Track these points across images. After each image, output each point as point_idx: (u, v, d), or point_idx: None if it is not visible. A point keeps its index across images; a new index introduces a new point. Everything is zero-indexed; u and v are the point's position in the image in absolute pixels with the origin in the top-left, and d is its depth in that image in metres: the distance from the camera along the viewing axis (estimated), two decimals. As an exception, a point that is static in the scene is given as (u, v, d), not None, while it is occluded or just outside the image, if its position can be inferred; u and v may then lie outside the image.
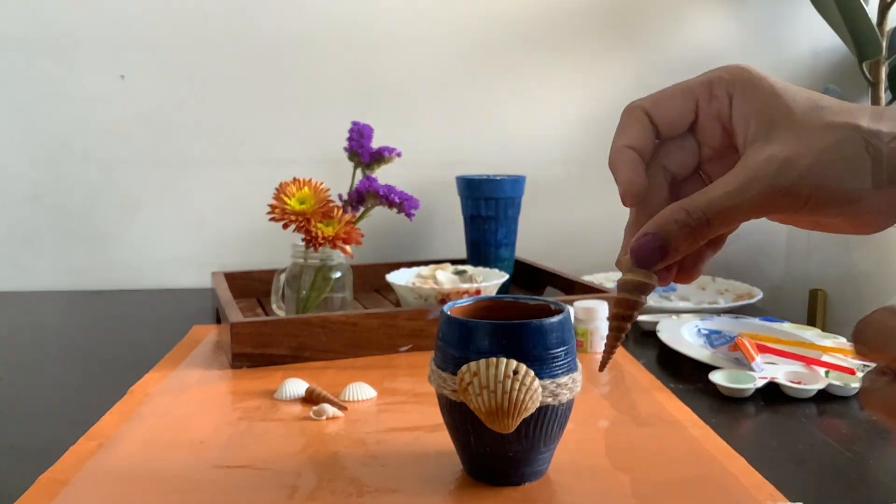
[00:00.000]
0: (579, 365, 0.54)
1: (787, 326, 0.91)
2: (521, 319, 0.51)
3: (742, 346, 0.79)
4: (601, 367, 0.44)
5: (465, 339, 0.51)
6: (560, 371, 0.51)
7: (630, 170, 0.42)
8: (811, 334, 0.88)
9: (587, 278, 1.12)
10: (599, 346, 0.84)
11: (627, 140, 0.42)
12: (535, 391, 0.49)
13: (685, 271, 0.44)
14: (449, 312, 0.54)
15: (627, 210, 0.47)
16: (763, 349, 0.80)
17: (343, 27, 1.27)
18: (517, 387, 0.48)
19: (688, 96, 0.41)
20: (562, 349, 0.51)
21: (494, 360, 0.49)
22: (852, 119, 0.38)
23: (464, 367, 0.50)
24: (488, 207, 1.14)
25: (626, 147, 0.42)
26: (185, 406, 0.70)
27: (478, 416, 0.50)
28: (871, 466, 0.58)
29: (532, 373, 0.49)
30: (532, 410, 0.49)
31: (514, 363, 0.49)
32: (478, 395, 0.49)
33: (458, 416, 0.52)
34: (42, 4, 1.21)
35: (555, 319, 0.51)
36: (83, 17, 1.22)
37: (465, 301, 0.57)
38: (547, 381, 0.50)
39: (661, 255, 0.40)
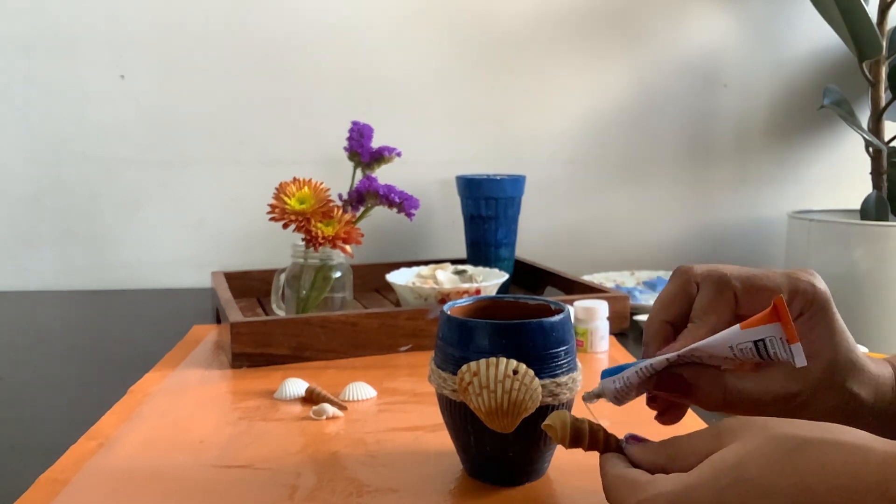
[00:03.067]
0: (579, 365, 0.54)
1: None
2: (521, 319, 0.51)
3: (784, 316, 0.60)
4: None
5: (465, 338, 0.51)
6: (560, 371, 0.51)
7: (660, 333, 0.46)
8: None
9: (587, 278, 1.12)
10: (599, 345, 0.84)
11: (713, 320, 0.44)
12: (535, 391, 0.49)
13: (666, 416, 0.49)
14: (449, 312, 0.54)
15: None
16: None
17: (343, 27, 1.27)
18: (517, 387, 0.48)
19: (773, 294, 0.43)
20: (562, 349, 0.51)
21: (494, 359, 0.49)
22: (865, 389, 0.44)
23: (464, 367, 0.50)
24: (488, 207, 1.13)
25: (707, 319, 0.45)
26: (185, 406, 0.70)
27: (478, 416, 0.50)
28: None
29: (532, 373, 0.49)
30: (532, 410, 0.49)
31: (514, 363, 0.49)
32: (478, 395, 0.49)
33: (458, 416, 0.52)
34: (42, 4, 1.21)
35: (555, 319, 0.51)
36: (83, 17, 1.22)
37: (465, 301, 0.57)
38: (547, 381, 0.50)
39: None
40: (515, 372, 0.49)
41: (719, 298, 0.45)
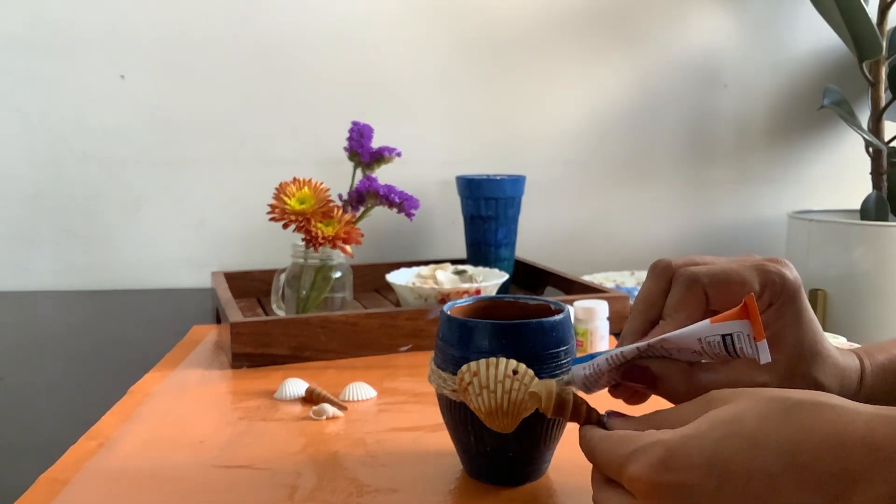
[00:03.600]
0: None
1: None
2: (521, 319, 0.51)
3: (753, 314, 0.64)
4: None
5: (464, 338, 0.51)
6: (560, 371, 0.51)
7: (640, 330, 0.47)
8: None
9: (587, 278, 1.12)
10: (599, 345, 0.84)
11: (684, 317, 0.45)
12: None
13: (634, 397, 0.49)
14: (449, 312, 0.54)
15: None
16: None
17: (343, 27, 1.27)
18: (517, 387, 0.48)
19: (743, 288, 0.44)
20: (562, 349, 0.51)
21: (494, 359, 0.49)
22: (831, 379, 0.45)
23: (463, 367, 0.50)
24: (488, 207, 1.13)
25: (678, 316, 0.46)
26: (185, 406, 0.70)
27: (478, 417, 0.50)
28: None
29: (531, 373, 0.49)
30: (532, 410, 0.49)
31: (513, 363, 0.49)
32: (478, 395, 0.49)
33: (458, 415, 0.52)
34: (42, 4, 1.21)
35: (555, 319, 0.51)
36: (83, 17, 1.22)
37: (465, 301, 0.57)
38: None
39: None
40: (515, 372, 0.49)
41: (689, 296, 0.46)
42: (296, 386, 0.71)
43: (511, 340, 0.50)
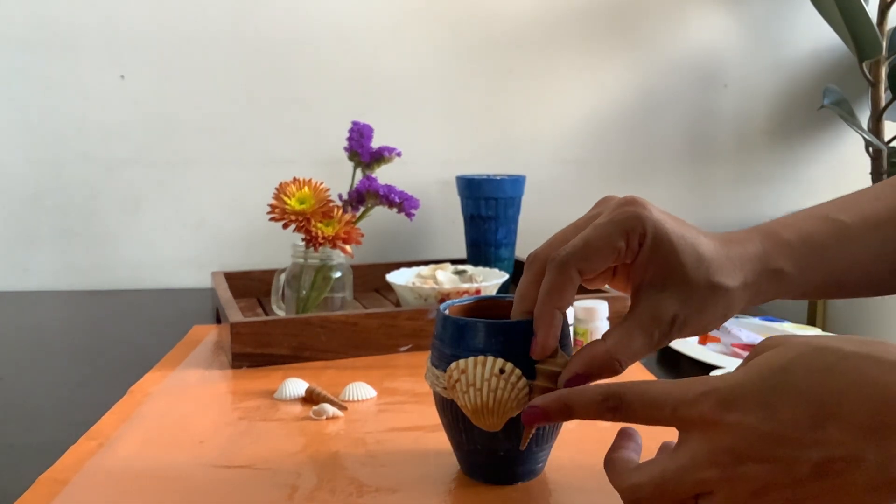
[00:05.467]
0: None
1: (786, 326, 0.91)
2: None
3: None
4: (522, 445, 0.49)
5: (456, 337, 0.51)
6: None
7: (552, 335, 0.47)
8: (814, 334, 0.88)
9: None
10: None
11: (560, 303, 0.47)
12: (520, 391, 0.49)
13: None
14: (447, 311, 0.54)
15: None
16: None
17: (343, 27, 1.27)
18: (503, 386, 0.48)
19: (613, 251, 0.45)
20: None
21: (483, 358, 0.49)
22: (732, 280, 0.46)
23: (453, 365, 0.50)
24: (488, 207, 1.13)
25: (556, 310, 0.47)
26: (185, 406, 0.70)
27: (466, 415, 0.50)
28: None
29: (519, 372, 0.49)
30: (518, 411, 0.49)
31: (500, 362, 0.49)
32: (465, 393, 0.49)
33: (450, 413, 0.52)
34: (42, 4, 1.21)
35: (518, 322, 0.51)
36: (83, 17, 1.22)
37: (464, 300, 0.57)
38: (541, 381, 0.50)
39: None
40: (502, 371, 0.49)
41: (562, 279, 0.46)
42: (296, 386, 0.71)
43: (503, 339, 0.50)
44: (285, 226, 0.88)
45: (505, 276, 1.03)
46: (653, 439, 0.47)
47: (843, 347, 0.36)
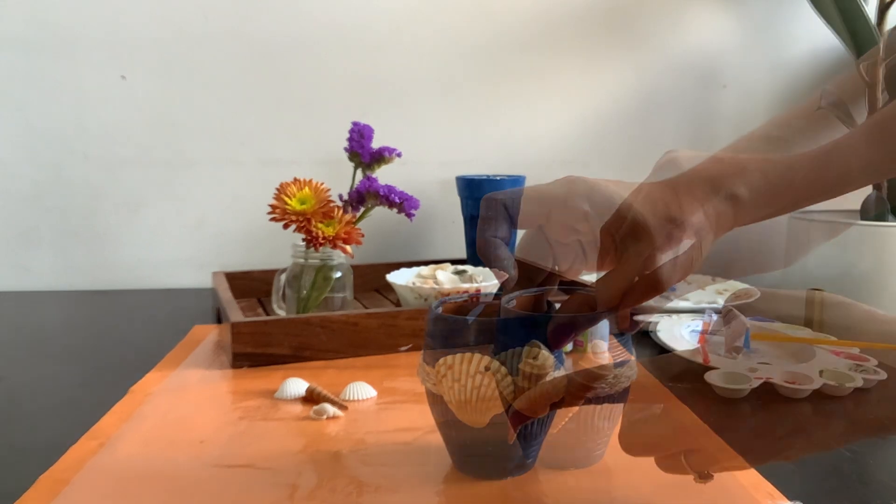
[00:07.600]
0: (566, 362, 0.53)
1: (777, 326, 0.91)
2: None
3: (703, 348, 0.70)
4: (509, 440, 0.50)
5: (446, 333, 0.52)
6: None
7: (505, 256, 0.52)
8: (804, 334, 0.87)
9: (587, 278, 1.12)
10: (599, 345, 0.84)
11: (496, 232, 0.53)
12: (505, 388, 0.49)
13: None
14: (440, 310, 0.54)
15: None
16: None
17: (343, 27, 1.27)
18: (486, 382, 0.49)
19: (542, 204, 0.53)
20: (547, 345, 0.51)
21: (469, 355, 0.49)
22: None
23: (440, 360, 0.50)
24: (488, 207, 1.13)
25: (493, 238, 0.53)
26: (185, 406, 0.70)
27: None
28: (869, 465, 0.58)
29: (504, 370, 0.49)
30: (502, 408, 0.49)
31: (486, 359, 0.49)
32: (450, 389, 0.50)
33: (439, 409, 0.53)
34: (42, 4, 1.21)
35: (535, 316, 0.51)
36: (83, 17, 1.22)
37: (460, 297, 0.57)
38: None
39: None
40: (487, 368, 0.49)
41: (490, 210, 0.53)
42: (296, 385, 0.72)
43: (488, 337, 0.50)
44: (286, 226, 0.88)
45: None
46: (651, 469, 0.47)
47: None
